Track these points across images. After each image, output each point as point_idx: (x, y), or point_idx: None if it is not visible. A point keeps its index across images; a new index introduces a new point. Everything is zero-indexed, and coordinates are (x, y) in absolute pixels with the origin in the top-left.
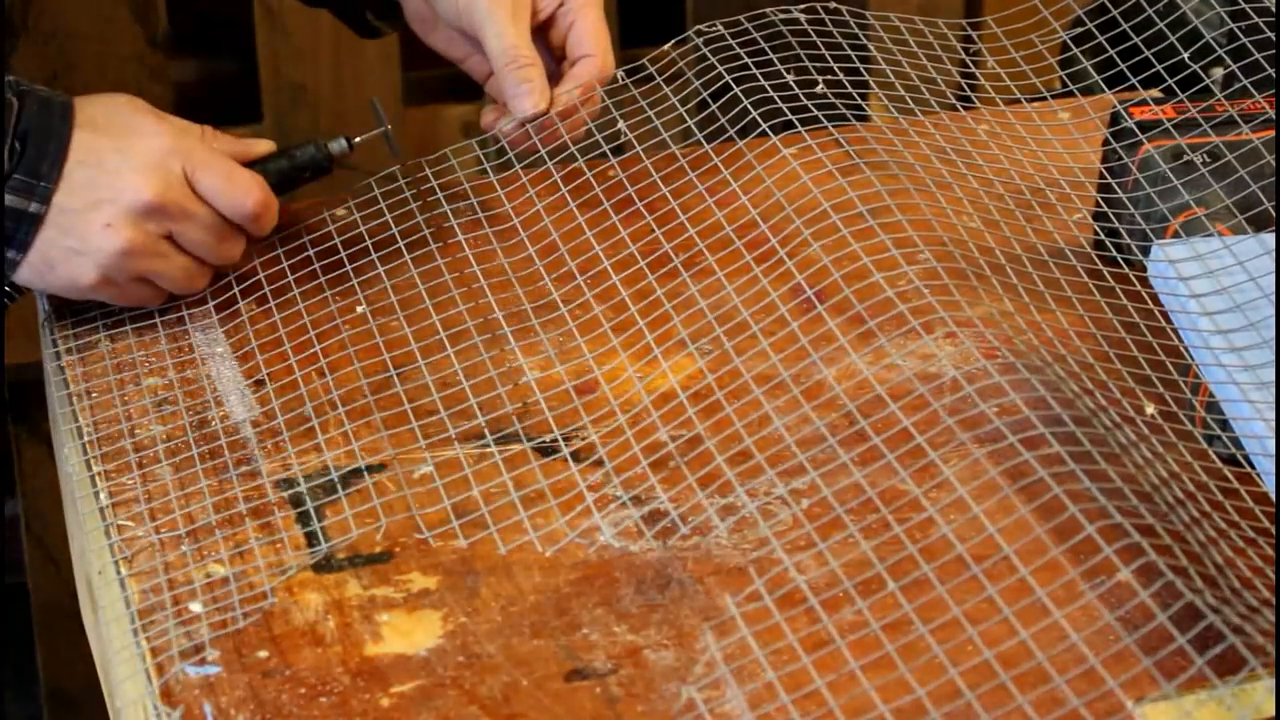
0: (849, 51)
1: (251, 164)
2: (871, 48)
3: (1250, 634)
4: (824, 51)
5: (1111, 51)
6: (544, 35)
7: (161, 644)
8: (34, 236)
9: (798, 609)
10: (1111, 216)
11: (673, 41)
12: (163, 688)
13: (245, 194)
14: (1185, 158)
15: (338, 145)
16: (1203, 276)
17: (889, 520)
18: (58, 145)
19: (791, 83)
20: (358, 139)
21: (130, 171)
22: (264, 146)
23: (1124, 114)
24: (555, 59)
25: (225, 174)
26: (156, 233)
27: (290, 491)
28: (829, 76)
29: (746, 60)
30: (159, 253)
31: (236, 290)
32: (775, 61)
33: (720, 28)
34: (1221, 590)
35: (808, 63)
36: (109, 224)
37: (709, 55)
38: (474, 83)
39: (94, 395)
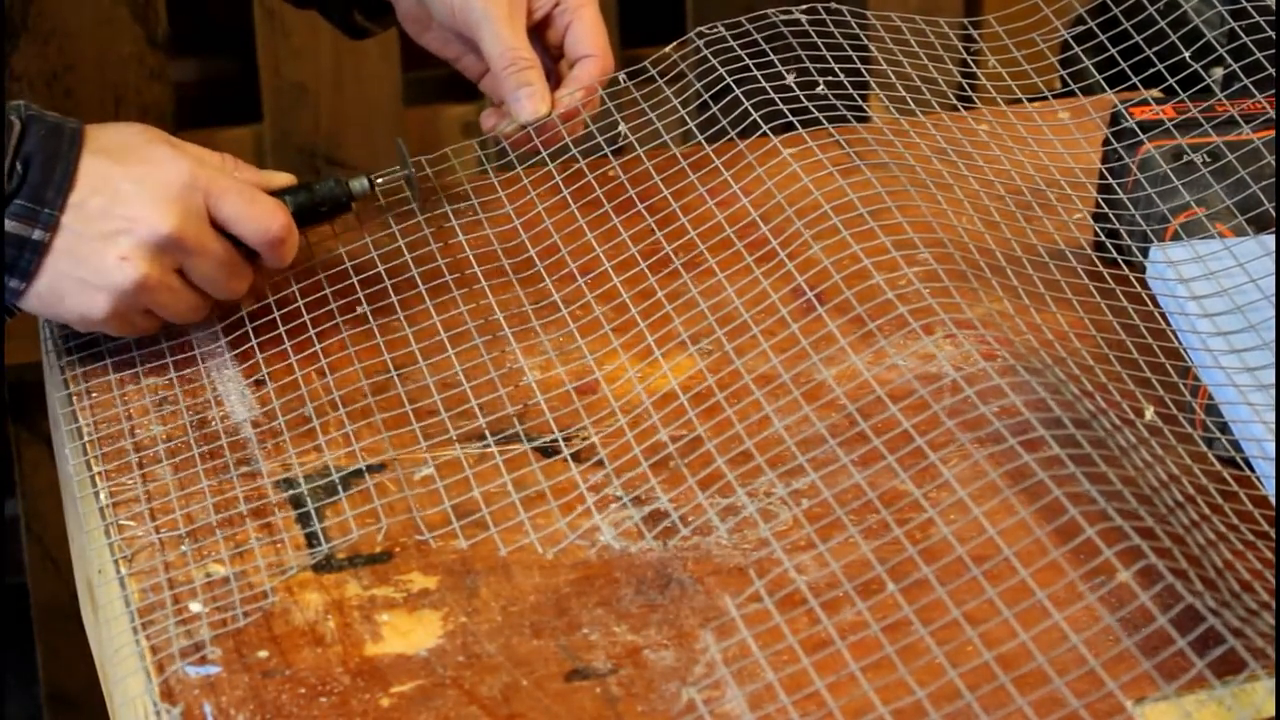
0: (850, 52)
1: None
2: (872, 48)
3: (1250, 637)
4: (825, 52)
5: (1113, 50)
6: (540, 35)
7: (161, 643)
8: (39, 265)
9: (798, 610)
10: (1112, 217)
11: (675, 44)
12: (162, 687)
13: (270, 218)
14: (1186, 158)
15: (359, 184)
16: (1202, 278)
17: (889, 522)
18: (64, 171)
19: (792, 84)
20: (379, 179)
21: (146, 202)
22: (283, 179)
23: (1124, 114)
24: (552, 58)
25: (248, 198)
26: (170, 266)
27: (291, 492)
28: (829, 78)
29: (747, 61)
30: (170, 287)
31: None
32: (776, 62)
33: (721, 29)
34: (1221, 593)
35: (808, 63)
36: (125, 257)
37: (710, 57)
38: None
39: (94, 395)
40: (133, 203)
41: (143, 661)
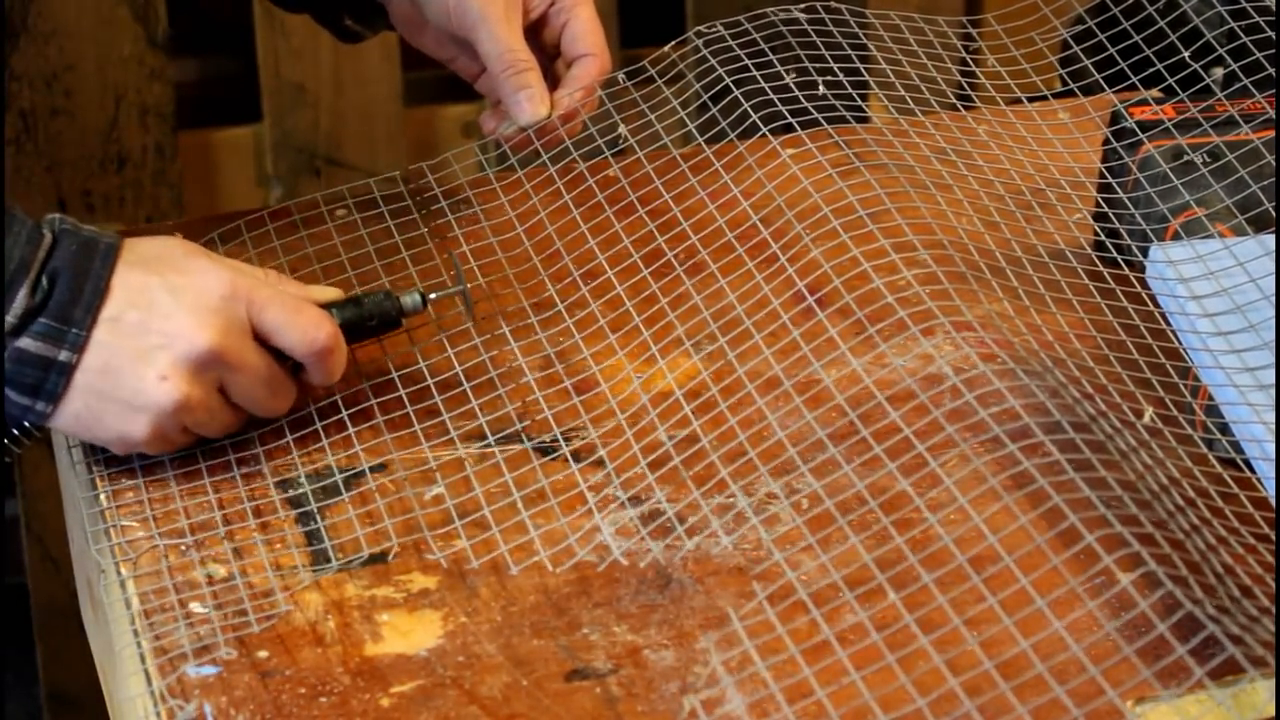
0: (849, 51)
1: None
2: (872, 47)
3: (1250, 645)
4: (824, 52)
5: (1112, 50)
6: (536, 34)
7: (162, 644)
8: (66, 387)
9: (799, 620)
10: (1112, 217)
11: (673, 43)
12: (163, 688)
13: (316, 327)
14: (1185, 158)
15: (410, 299)
16: (1202, 278)
17: (888, 527)
18: (94, 290)
19: (791, 84)
20: (433, 295)
21: (185, 315)
22: (329, 294)
23: (1124, 114)
24: (548, 57)
25: (293, 308)
26: (212, 383)
27: (292, 493)
28: (829, 78)
29: (746, 61)
30: (209, 405)
31: None
32: (776, 63)
33: (721, 28)
34: (1221, 599)
35: (808, 63)
36: (164, 376)
37: (709, 56)
38: None
39: None
40: (171, 316)
41: (143, 664)
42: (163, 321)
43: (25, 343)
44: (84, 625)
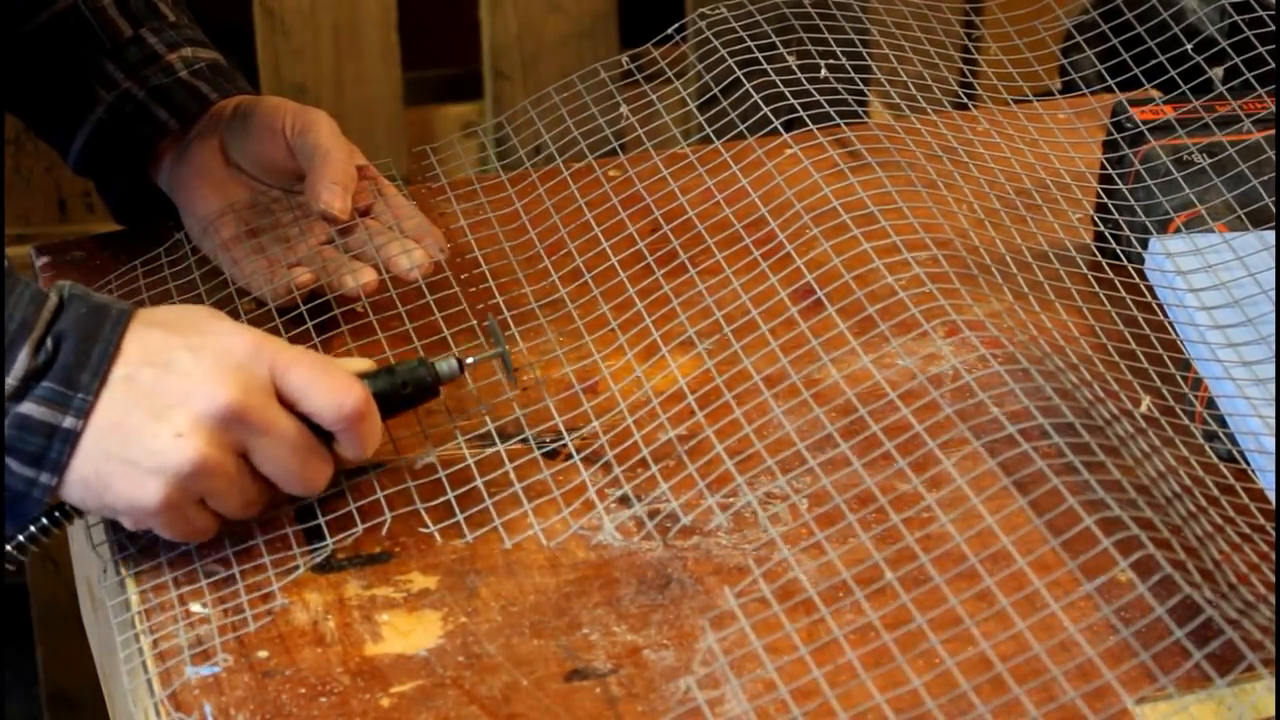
0: (851, 35)
1: None
2: (874, 31)
3: (1248, 629)
4: (828, 35)
5: (1115, 40)
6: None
7: (163, 645)
8: (70, 455)
9: (796, 600)
10: (1113, 210)
11: (675, 25)
12: (163, 688)
13: (345, 391)
14: (1186, 155)
15: (447, 366)
16: (1200, 271)
17: (890, 514)
18: (102, 353)
19: (794, 65)
20: (470, 360)
21: (205, 372)
22: (360, 364)
23: (1126, 110)
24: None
25: (321, 368)
26: (232, 446)
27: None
28: (831, 61)
29: (750, 44)
30: (229, 473)
31: (233, 289)
32: (778, 44)
33: (724, 10)
34: (1219, 585)
35: (810, 46)
36: (180, 433)
37: (712, 39)
38: (475, 82)
39: None
40: (190, 374)
41: (144, 664)
42: (181, 379)
43: (27, 408)
44: (84, 625)
